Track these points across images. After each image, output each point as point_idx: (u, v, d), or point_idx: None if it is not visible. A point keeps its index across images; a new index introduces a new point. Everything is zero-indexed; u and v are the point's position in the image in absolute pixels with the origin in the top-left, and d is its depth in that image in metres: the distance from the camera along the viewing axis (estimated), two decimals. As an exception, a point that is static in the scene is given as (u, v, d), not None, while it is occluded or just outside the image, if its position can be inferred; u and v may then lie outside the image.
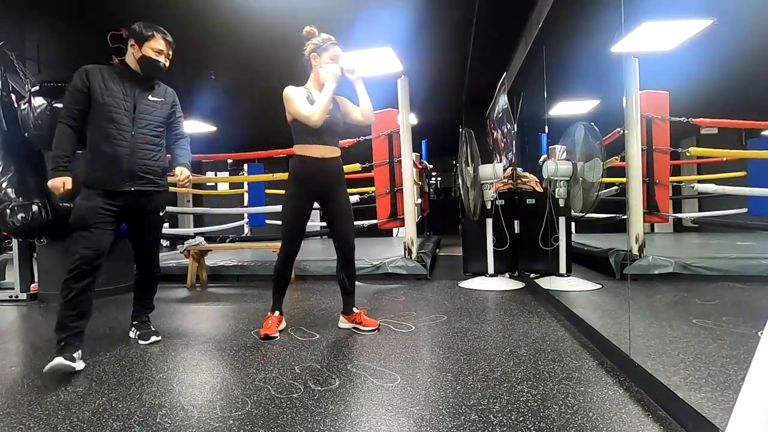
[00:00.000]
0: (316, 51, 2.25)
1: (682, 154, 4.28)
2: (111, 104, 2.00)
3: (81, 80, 1.99)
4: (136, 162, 2.04)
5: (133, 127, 2.04)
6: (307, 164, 2.26)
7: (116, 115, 2.00)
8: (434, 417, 1.35)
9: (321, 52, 2.24)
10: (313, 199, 2.33)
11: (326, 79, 2.20)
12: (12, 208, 3.16)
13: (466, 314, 2.65)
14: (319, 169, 2.26)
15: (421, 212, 6.14)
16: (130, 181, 2.04)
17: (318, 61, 2.25)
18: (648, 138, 3.73)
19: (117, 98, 2.02)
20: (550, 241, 3.61)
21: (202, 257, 4.17)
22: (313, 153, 2.25)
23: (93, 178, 2.00)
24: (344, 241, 2.34)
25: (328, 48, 2.24)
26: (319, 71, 2.26)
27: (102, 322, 2.69)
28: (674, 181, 4.57)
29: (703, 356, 1.75)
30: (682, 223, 5.75)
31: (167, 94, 2.22)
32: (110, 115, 1.99)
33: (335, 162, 2.32)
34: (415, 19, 3.91)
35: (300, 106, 2.16)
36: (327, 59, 2.23)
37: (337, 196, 2.33)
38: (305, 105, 2.17)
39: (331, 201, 2.33)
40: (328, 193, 2.32)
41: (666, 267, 3.37)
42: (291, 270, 2.39)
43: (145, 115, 2.09)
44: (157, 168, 2.13)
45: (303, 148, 2.25)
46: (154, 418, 1.40)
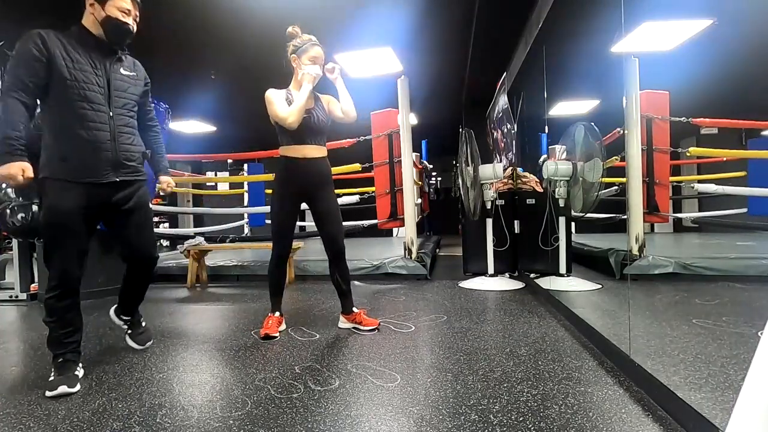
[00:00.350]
0: (296, 52, 2.24)
1: (682, 154, 4.27)
2: (81, 79, 1.67)
3: (36, 47, 1.61)
4: (118, 148, 1.76)
5: (109, 107, 1.74)
6: (290, 165, 2.26)
7: (90, 92, 1.68)
8: (434, 417, 1.35)
9: (301, 53, 2.23)
10: (300, 200, 2.33)
11: (303, 80, 2.21)
12: (12, 208, 3.15)
13: (466, 314, 2.65)
14: (303, 170, 2.26)
15: (421, 212, 6.15)
16: (114, 171, 1.75)
17: (297, 63, 2.25)
18: (648, 138, 3.73)
19: (87, 72, 1.69)
20: (550, 241, 3.61)
21: (202, 257, 4.17)
22: (296, 154, 2.25)
23: (65, 168, 1.66)
24: (333, 243, 2.35)
25: (307, 49, 2.23)
26: (298, 71, 2.26)
27: (102, 322, 2.69)
28: (674, 181, 4.57)
29: (703, 356, 1.75)
30: (682, 223, 5.75)
31: (137, 68, 1.91)
32: (82, 92, 1.67)
33: (320, 162, 2.31)
34: (415, 19, 3.91)
35: (278, 108, 2.16)
36: (306, 60, 2.22)
37: (323, 197, 2.32)
38: (283, 107, 2.17)
39: (318, 202, 2.33)
40: (314, 194, 2.31)
41: (666, 267, 3.37)
42: (284, 270, 2.41)
43: (120, 92, 1.79)
44: (138, 154, 1.87)
45: (286, 149, 2.26)
46: (154, 418, 1.40)
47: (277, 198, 2.30)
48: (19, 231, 3.29)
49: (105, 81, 1.74)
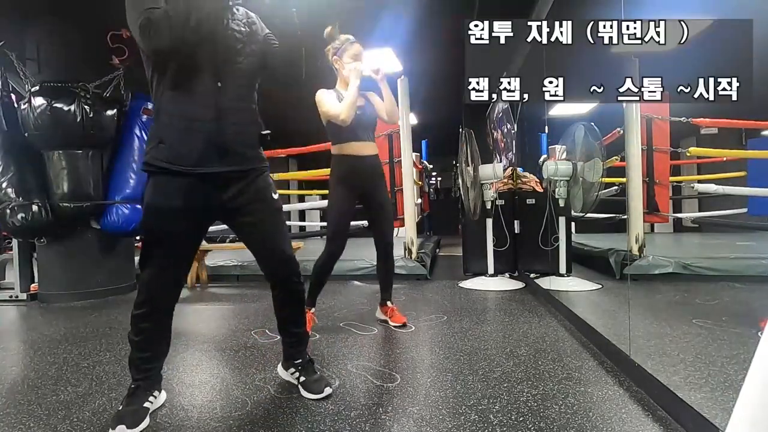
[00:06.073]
0: (337, 54, 2.28)
1: (682, 154, 4.28)
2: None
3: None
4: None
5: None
6: (345, 162, 2.29)
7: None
8: (434, 417, 1.35)
9: (341, 53, 2.27)
10: (355, 196, 2.35)
11: (349, 76, 2.22)
12: (12, 208, 3.16)
13: (466, 314, 2.65)
14: (358, 167, 2.29)
15: (421, 212, 6.14)
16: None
17: (340, 63, 2.28)
18: (648, 138, 3.73)
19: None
20: (550, 241, 3.60)
21: (202, 257, 4.16)
22: (350, 151, 2.27)
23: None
24: (382, 240, 2.41)
25: (347, 48, 2.27)
26: (342, 71, 2.29)
27: (102, 322, 2.69)
28: (674, 181, 4.57)
29: (703, 356, 1.75)
30: (682, 223, 5.75)
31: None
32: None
33: (373, 158, 2.35)
34: (415, 19, 3.90)
35: (330, 106, 2.19)
36: (348, 59, 2.26)
37: (377, 193, 2.36)
38: (335, 104, 2.19)
39: (371, 199, 2.36)
40: (369, 190, 2.34)
41: (666, 267, 3.37)
42: (332, 269, 2.40)
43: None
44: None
45: (340, 147, 2.29)
46: (154, 418, 1.40)
47: (334, 197, 2.32)
48: (19, 231, 3.30)
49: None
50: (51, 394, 1.62)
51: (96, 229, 3.41)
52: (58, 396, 1.61)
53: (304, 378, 1.56)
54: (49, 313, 3.04)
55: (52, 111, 3.13)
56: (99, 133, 3.30)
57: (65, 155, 3.26)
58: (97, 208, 3.35)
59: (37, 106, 3.13)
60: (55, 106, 3.14)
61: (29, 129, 3.18)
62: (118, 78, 3.41)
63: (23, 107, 3.19)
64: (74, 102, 3.17)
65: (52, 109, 3.13)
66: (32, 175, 3.25)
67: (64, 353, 2.10)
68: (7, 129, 3.23)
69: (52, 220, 3.24)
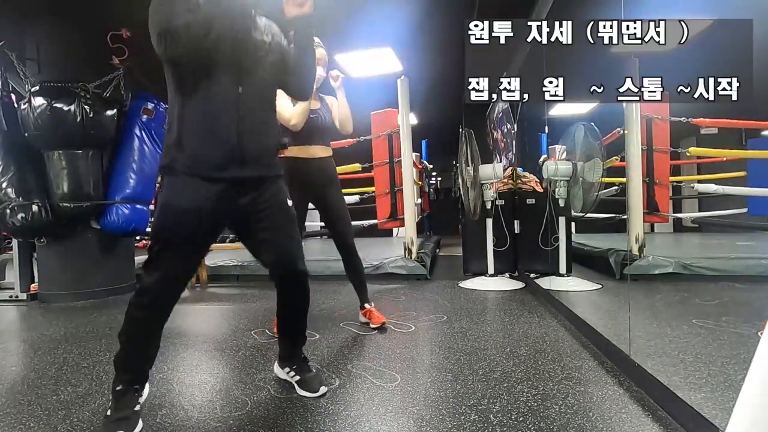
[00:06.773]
0: None
1: (682, 154, 4.27)
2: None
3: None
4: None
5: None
6: (295, 165, 2.26)
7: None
8: (434, 417, 1.35)
9: None
10: (306, 199, 2.34)
11: None
12: (12, 208, 3.16)
13: (466, 314, 2.65)
14: (308, 170, 2.27)
15: (421, 212, 6.15)
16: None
17: None
18: (648, 138, 3.73)
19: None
20: (550, 241, 3.60)
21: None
22: (301, 154, 2.26)
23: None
24: (342, 242, 2.38)
25: None
26: None
27: (102, 322, 2.69)
28: (674, 181, 4.56)
29: (703, 356, 1.75)
30: (682, 223, 5.75)
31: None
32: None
33: (325, 162, 2.32)
34: (415, 19, 3.90)
35: (282, 109, 2.17)
36: None
37: (329, 196, 2.34)
38: (287, 108, 2.18)
39: (324, 202, 2.34)
40: (320, 194, 2.33)
41: (666, 267, 3.37)
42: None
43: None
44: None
45: (291, 149, 2.27)
46: (154, 418, 1.40)
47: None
48: (19, 231, 3.30)
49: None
50: (51, 394, 1.62)
51: (96, 229, 3.41)
52: (58, 396, 1.61)
53: (299, 376, 1.59)
54: (49, 313, 3.04)
55: (52, 111, 3.13)
56: (99, 133, 3.30)
57: (65, 155, 3.26)
58: (97, 208, 3.34)
59: (37, 106, 3.13)
60: (55, 106, 3.14)
61: (29, 129, 3.18)
62: (118, 78, 3.41)
63: (23, 107, 3.19)
64: (74, 102, 3.17)
65: (52, 109, 3.13)
66: (32, 175, 3.24)
67: (64, 353, 2.10)
68: (7, 129, 3.23)
69: (52, 220, 3.23)
